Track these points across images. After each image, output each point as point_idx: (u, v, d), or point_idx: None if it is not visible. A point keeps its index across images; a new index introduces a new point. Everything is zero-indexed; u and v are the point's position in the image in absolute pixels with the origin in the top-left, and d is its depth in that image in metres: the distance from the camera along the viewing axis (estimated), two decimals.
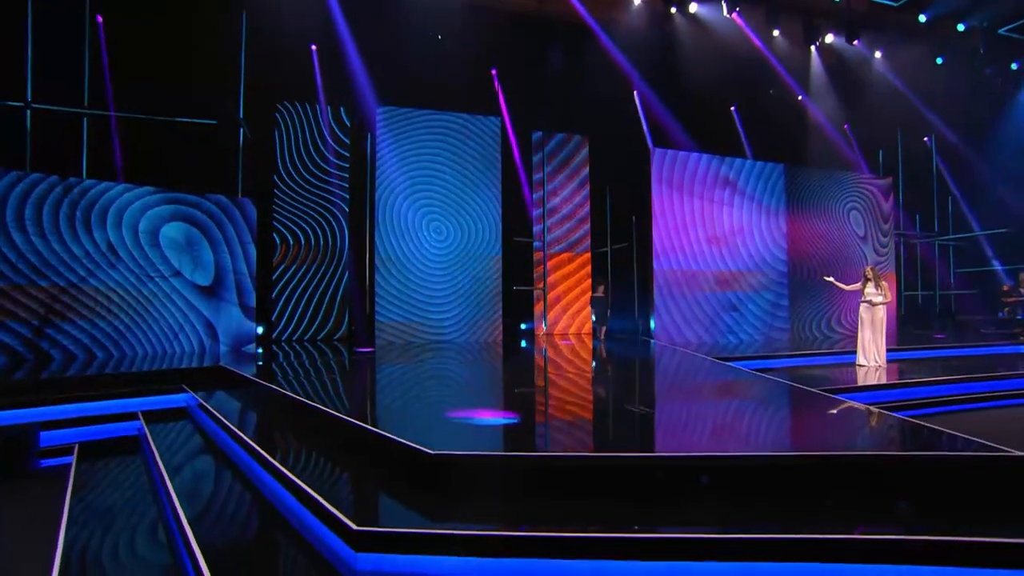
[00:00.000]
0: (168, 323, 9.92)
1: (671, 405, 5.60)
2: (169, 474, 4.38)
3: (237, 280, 10.61)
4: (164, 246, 9.95)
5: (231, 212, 10.55)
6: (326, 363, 8.23)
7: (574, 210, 13.54)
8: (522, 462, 3.66)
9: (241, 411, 6.01)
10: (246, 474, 4.44)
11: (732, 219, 12.36)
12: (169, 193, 10.03)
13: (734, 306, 12.03)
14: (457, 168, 12.02)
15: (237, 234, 10.58)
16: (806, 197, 12.86)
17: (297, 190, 11.95)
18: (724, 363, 8.30)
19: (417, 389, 6.77)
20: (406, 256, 11.70)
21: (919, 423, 4.52)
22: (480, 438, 4.32)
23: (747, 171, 12.49)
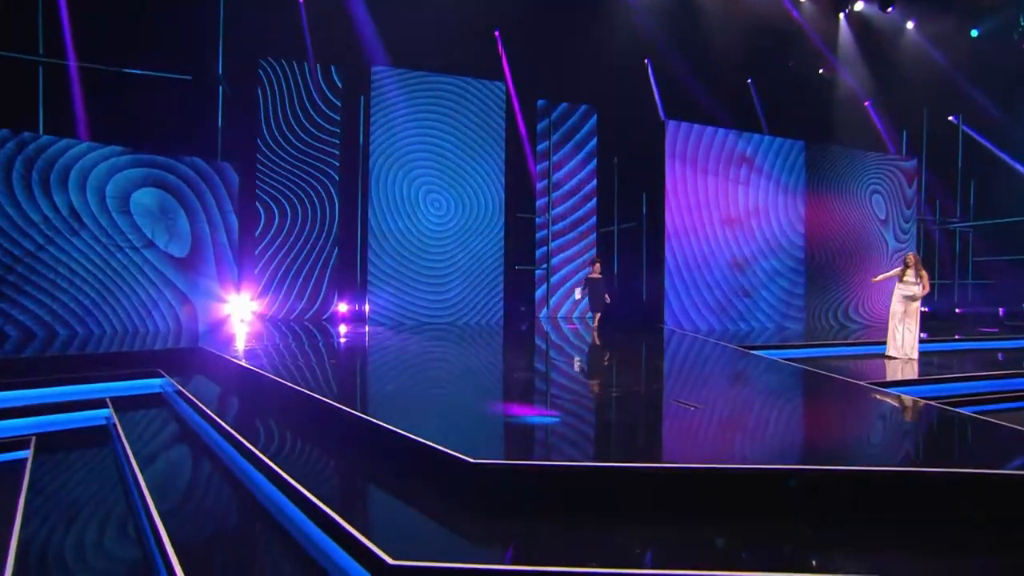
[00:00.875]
0: (140, 299, 9.15)
1: (723, 400, 5.09)
2: (145, 477, 3.76)
3: (217, 253, 9.82)
4: (135, 213, 9.12)
5: (209, 178, 9.74)
6: (316, 346, 7.75)
7: (578, 185, 13.00)
8: (595, 474, 3.07)
9: (225, 399, 5.52)
10: (236, 475, 3.92)
11: (748, 199, 11.89)
12: (139, 155, 9.17)
13: (747, 292, 11.62)
14: (458, 136, 11.43)
15: (216, 202, 9.80)
16: (827, 177, 12.45)
17: (283, 156, 11.21)
18: (751, 352, 7.85)
19: (425, 378, 6.20)
20: (401, 231, 11.15)
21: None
22: (519, 440, 3.75)
23: (765, 147, 12.00)
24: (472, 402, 5.00)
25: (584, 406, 4.81)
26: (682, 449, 3.72)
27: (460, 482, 3.11)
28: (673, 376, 6.40)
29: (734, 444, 3.75)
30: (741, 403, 5.04)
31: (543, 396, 5.17)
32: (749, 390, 5.68)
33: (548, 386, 5.59)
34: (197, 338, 8.10)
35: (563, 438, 3.84)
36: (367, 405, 4.70)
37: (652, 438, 3.95)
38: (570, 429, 4.05)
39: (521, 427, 4.06)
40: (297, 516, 3.12)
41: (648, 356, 8.01)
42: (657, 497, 2.99)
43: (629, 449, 3.74)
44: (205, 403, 4.90)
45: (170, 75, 10.08)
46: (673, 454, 3.62)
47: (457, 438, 3.43)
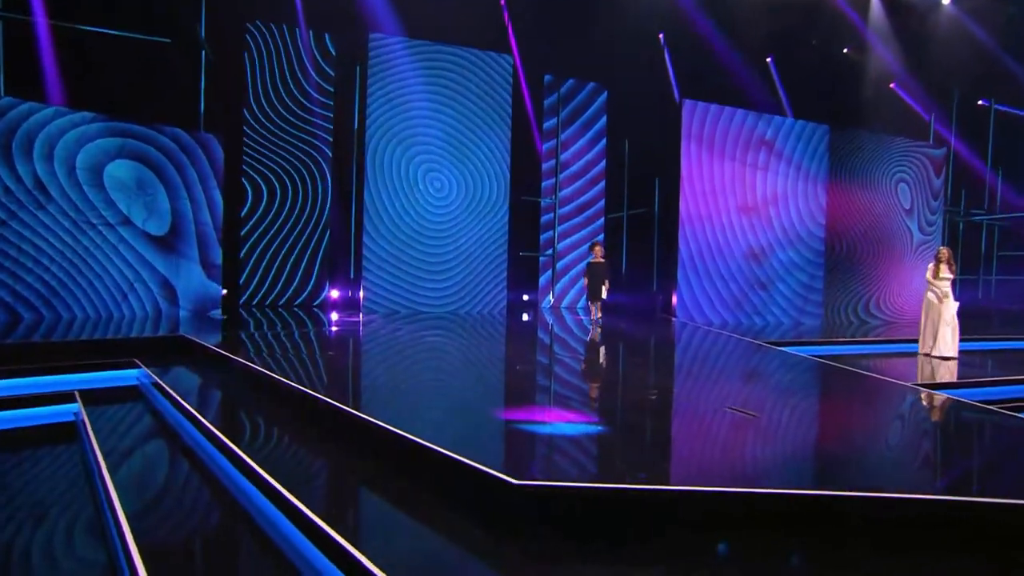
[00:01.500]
0: (115, 280, 8.53)
1: (780, 407, 4.63)
2: (114, 479, 3.30)
3: (199, 232, 9.24)
4: (109, 188, 8.47)
5: (192, 151, 9.10)
6: (307, 335, 7.32)
7: (585, 167, 12.50)
8: (680, 501, 2.57)
9: (208, 393, 5.19)
10: (219, 478, 3.49)
11: (767, 186, 11.44)
12: (113, 123, 8.49)
13: (763, 284, 11.22)
14: (461, 111, 10.88)
15: (199, 178, 9.18)
16: (851, 164, 12.03)
17: (272, 129, 10.60)
18: (784, 351, 7.44)
19: (433, 375, 5.71)
20: (398, 212, 10.61)
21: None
22: (566, 456, 3.26)
23: (786, 130, 11.55)
24: (487, 406, 4.52)
25: (624, 413, 4.34)
26: (768, 469, 3.22)
27: (498, 508, 2.63)
28: (710, 377, 5.94)
29: (834, 463, 3.29)
30: (803, 411, 4.59)
31: (574, 401, 4.69)
32: (804, 395, 5.24)
33: (581, 390, 5.11)
34: (178, 325, 7.64)
35: (610, 453, 3.37)
36: (369, 404, 4.23)
37: (723, 453, 3.45)
38: (615, 442, 3.58)
39: (552, 438, 3.58)
40: (287, 528, 2.71)
41: (672, 353, 7.56)
42: (753, 529, 2.52)
43: (701, 468, 3.26)
44: (185, 397, 4.54)
45: (148, 37, 9.37)
46: (760, 475, 3.12)
47: (483, 451, 2.95)
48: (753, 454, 3.37)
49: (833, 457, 3.45)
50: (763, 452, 3.42)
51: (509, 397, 4.80)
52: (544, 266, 12.49)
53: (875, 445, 3.88)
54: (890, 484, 2.93)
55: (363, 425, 3.54)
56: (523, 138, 12.04)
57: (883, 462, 3.44)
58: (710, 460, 3.33)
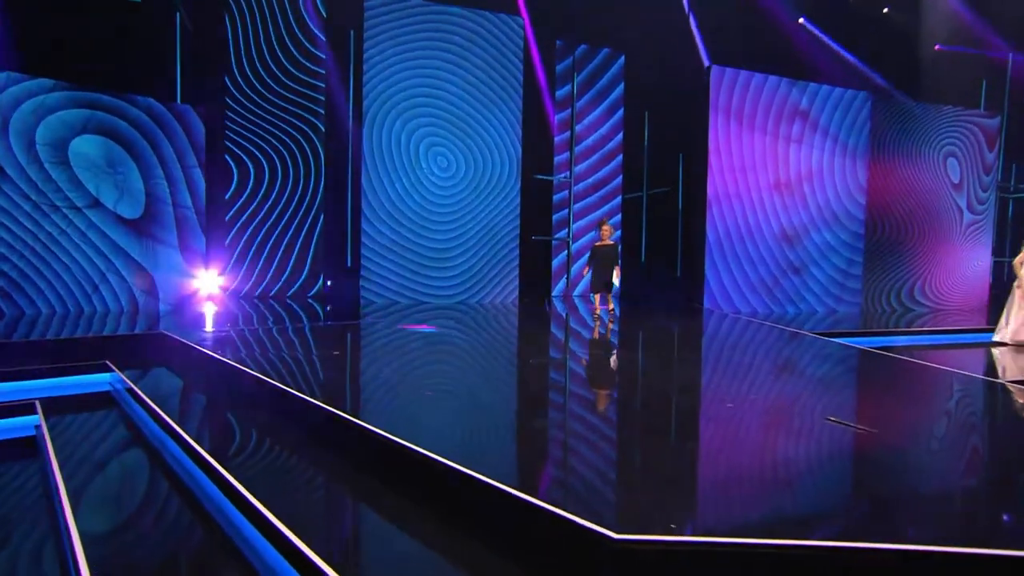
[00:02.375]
0: (83, 271, 7.84)
1: (883, 416, 4.01)
2: (73, 504, 2.83)
3: (179, 216, 8.56)
4: (75, 166, 7.75)
5: (168, 124, 8.40)
6: (301, 332, 6.69)
7: (600, 141, 11.89)
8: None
9: (192, 401, 4.76)
10: (205, 506, 3.03)
11: (802, 161, 10.83)
12: (78, 92, 7.74)
13: (797, 269, 10.71)
14: (468, 80, 10.22)
15: (177, 155, 8.51)
16: (894, 135, 11.41)
17: (258, 101, 9.88)
18: (835, 342, 6.86)
19: (460, 381, 5.07)
20: (399, 193, 9.98)
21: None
22: (648, 495, 2.64)
23: (822, 98, 10.91)
24: (533, 420, 3.89)
25: (705, 429, 3.72)
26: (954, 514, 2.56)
27: (589, 567, 2.00)
28: (779, 379, 5.28)
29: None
30: (924, 424, 3.95)
31: (652, 417, 4.07)
32: (907, 401, 4.60)
33: (638, 406, 4.49)
34: (157, 321, 7.02)
35: (714, 489, 2.74)
36: (387, 416, 3.59)
37: (864, 485, 2.79)
38: (711, 472, 2.95)
39: (623, 469, 2.95)
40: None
41: (721, 349, 6.93)
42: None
43: (849, 510, 2.63)
44: (164, 405, 4.10)
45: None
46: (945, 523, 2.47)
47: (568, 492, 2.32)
48: (916, 488, 2.72)
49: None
50: (928, 485, 2.78)
51: (571, 417, 4.18)
52: (556, 250, 11.93)
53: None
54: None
55: (385, 445, 2.93)
56: (534, 110, 11.37)
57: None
58: (852, 497, 2.69)
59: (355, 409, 3.64)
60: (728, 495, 2.54)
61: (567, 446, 3.20)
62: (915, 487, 2.72)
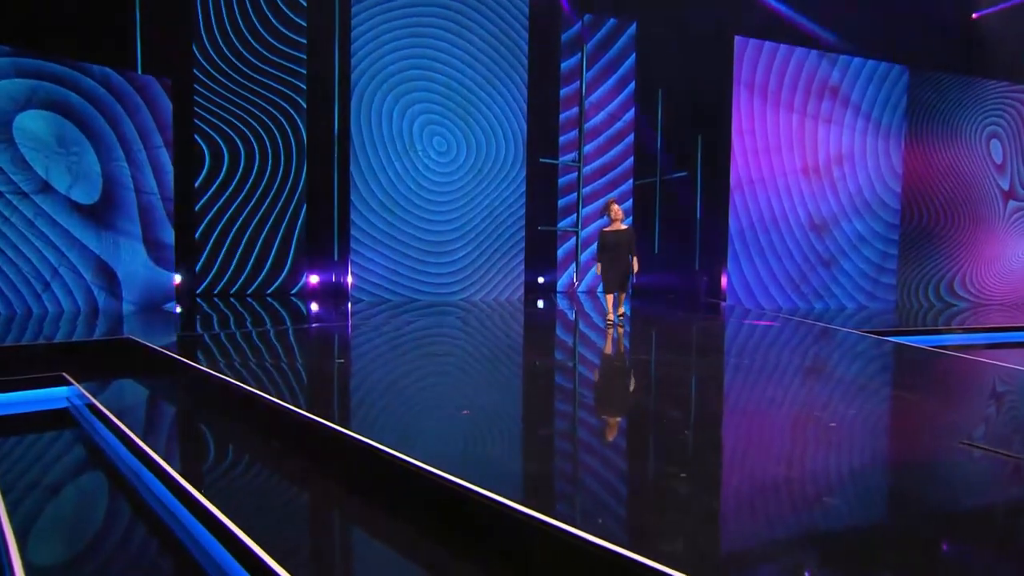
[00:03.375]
0: (32, 266, 7.15)
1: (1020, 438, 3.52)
2: (19, 542, 2.56)
3: (143, 203, 7.89)
4: (21, 144, 7.03)
5: (128, 98, 7.73)
6: (284, 335, 6.19)
7: (608, 121, 11.44)
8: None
9: (161, 415, 4.41)
10: (178, 535, 2.78)
11: (834, 142, 10.44)
12: (21, 59, 7.02)
13: (827, 261, 10.36)
14: (468, 53, 9.69)
15: (140, 133, 7.84)
16: (934, 114, 11.04)
17: (231, 73, 9.27)
18: (896, 342, 6.43)
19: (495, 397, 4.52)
20: (391, 179, 9.44)
21: None
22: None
23: (854, 72, 10.48)
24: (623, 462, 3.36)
25: (814, 454, 3.19)
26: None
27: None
28: (864, 391, 4.70)
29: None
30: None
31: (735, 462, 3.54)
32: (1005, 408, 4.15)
33: (724, 434, 3.96)
34: (121, 324, 6.47)
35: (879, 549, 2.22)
36: (392, 432, 3.09)
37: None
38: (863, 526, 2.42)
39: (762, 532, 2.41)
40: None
41: (773, 353, 6.39)
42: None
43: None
44: (131, 423, 3.80)
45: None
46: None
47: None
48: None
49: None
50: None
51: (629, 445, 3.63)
52: (561, 239, 11.47)
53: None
54: None
55: (392, 464, 2.54)
56: (539, 86, 10.79)
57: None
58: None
59: (345, 420, 3.36)
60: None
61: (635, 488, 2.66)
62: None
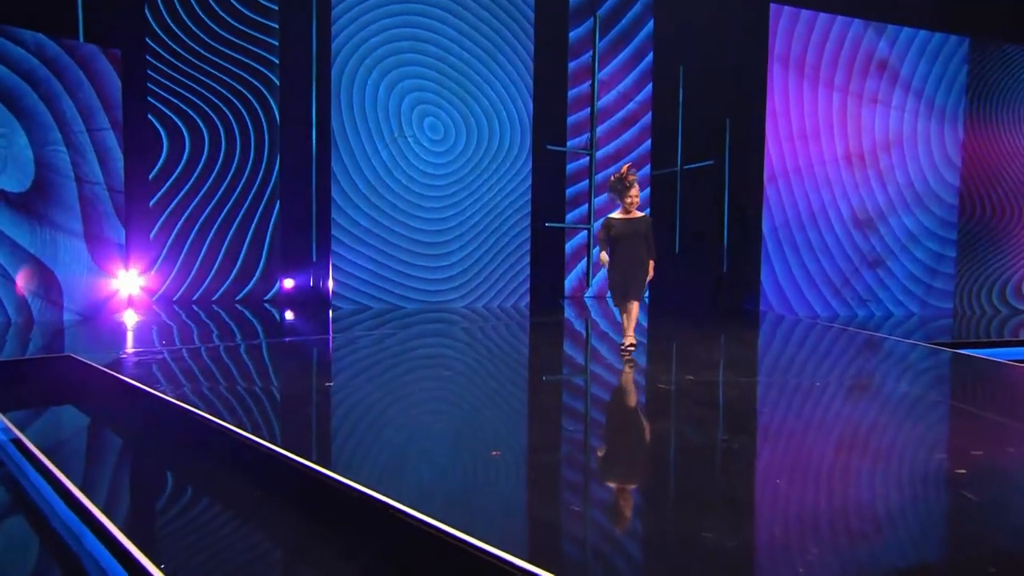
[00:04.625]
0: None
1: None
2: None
3: (86, 195, 7.31)
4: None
5: (67, 71, 7.16)
6: (256, 351, 5.91)
7: (620, 101, 11.11)
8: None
9: (104, 454, 3.97)
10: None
11: (883, 125, 9.94)
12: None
13: (874, 262, 9.93)
14: (466, 23, 9.32)
15: (81, 111, 7.26)
16: (998, 91, 10.49)
17: (189, 45, 8.84)
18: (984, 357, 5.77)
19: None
20: (375, 172, 9.02)
21: None
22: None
23: (905, 43, 9.95)
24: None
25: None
26: None
27: None
28: (977, 419, 4.03)
29: None
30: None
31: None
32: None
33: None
34: (61, 339, 6.09)
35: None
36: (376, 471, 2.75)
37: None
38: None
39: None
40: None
41: (851, 375, 5.73)
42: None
43: None
44: (65, 463, 3.48)
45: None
46: None
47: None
48: None
49: None
50: None
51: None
52: (577, 247, 11.17)
53: None
54: None
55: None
56: (546, 64, 10.35)
57: None
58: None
59: (326, 458, 3.09)
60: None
61: None
62: None
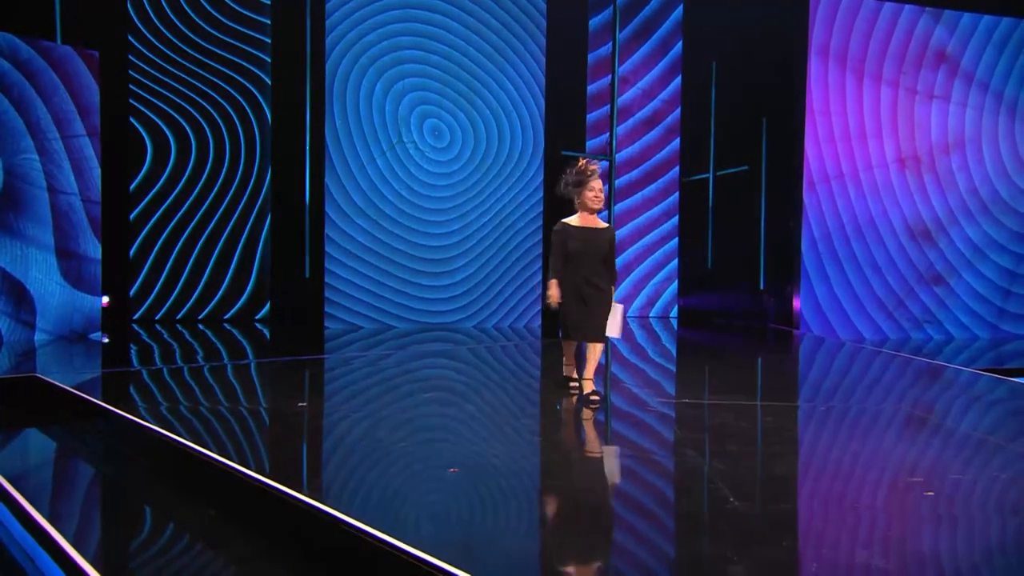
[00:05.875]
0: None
1: None
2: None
3: (59, 205, 7.43)
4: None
5: (41, 74, 7.31)
6: (245, 372, 6.02)
7: (643, 98, 11.06)
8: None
9: (74, 481, 4.09)
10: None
11: (943, 123, 9.70)
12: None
13: (936, 278, 9.67)
14: (471, 22, 9.51)
15: (55, 117, 7.38)
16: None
17: (176, 44, 9.05)
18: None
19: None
20: (371, 184, 9.20)
21: None
22: None
23: (965, 30, 9.67)
24: None
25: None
26: None
27: None
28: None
29: None
30: None
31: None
32: None
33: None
34: (32, 358, 6.22)
35: None
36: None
37: None
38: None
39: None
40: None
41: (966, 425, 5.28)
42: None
43: None
44: (32, 494, 3.53)
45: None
46: None
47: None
48: None
49: None
50: None
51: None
52: None
53: None
54: None
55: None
56: (560, 59, 10.41)
57: None
58: None
59: (318, 491, 3.02)
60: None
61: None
62: None
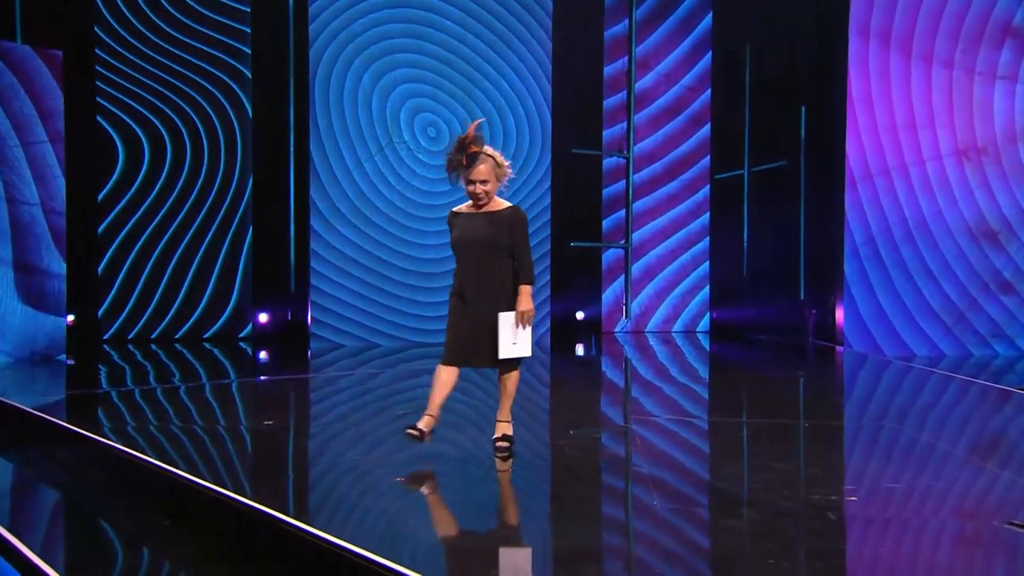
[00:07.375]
0: None
1: None
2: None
3: (19, 217, 7.72)
4: None
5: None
6: (224, 392, 6.47)
7: (666, 81, 11.32)
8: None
9: (36, 511, 4.32)
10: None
11: (1010, 108, 9.53)
12: None
13: (1005, 285, 9.55)
14: (470, 7, 9.76)
15: (14, 123, 7.71)
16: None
17: (149, 38, 9.27)
18: None
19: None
20: (357, 189, 9.43)
21: None
22: None
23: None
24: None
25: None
26: None
27: None
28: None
29: None
30: None
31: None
32: None
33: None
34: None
35: None
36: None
37: None
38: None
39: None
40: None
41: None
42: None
43: None
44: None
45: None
46: None
47: None
48: None
49: None
50: None
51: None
52: (612, 266, 11.51)
53: None
54: None
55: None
56: (568, 43, 10.58)
57: None
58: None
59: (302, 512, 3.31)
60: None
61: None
62: None
